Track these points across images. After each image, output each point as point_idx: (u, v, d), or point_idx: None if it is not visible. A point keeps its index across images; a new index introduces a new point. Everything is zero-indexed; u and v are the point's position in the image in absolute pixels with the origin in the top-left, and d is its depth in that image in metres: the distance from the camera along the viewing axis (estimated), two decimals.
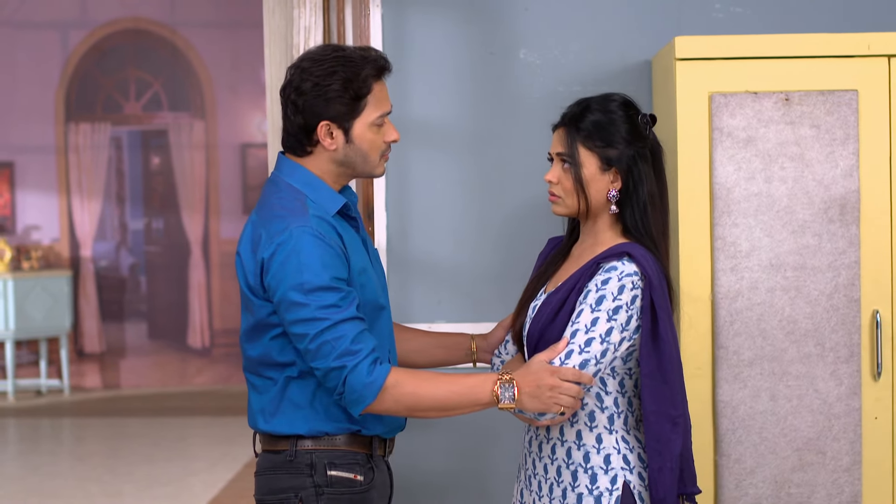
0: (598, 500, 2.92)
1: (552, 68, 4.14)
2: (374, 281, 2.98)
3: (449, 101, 4.18)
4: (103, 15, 11.20)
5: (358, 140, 2.91)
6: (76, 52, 11.24)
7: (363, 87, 2.88)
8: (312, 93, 2.85)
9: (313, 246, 2.79)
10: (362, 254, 2.97)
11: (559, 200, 3.02)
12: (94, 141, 11.47)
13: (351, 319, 2.78)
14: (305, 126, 2.89)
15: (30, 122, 11.19)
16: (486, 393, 2.79)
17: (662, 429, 2.90)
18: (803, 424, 3.62)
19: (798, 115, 3.60)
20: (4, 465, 8.25)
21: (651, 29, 4.10)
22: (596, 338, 2.84)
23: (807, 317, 3.61)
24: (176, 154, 11.88)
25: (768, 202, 3.60)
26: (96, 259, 11.61)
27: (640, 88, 4.10)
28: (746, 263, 3.60)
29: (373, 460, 2.98)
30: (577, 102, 3.05)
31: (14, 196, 11.30)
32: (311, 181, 2.93)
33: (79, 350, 11.71)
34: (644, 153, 2.97)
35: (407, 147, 4.16)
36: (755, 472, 3.62)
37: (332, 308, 2.77)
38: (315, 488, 2.90)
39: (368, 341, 2.80)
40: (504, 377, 2.79)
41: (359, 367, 2.76)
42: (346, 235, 2.91)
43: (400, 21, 4.16)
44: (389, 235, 4.18)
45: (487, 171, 4.14)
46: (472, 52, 4.17)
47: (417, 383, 2.79)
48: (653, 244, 2.96)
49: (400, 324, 3.41)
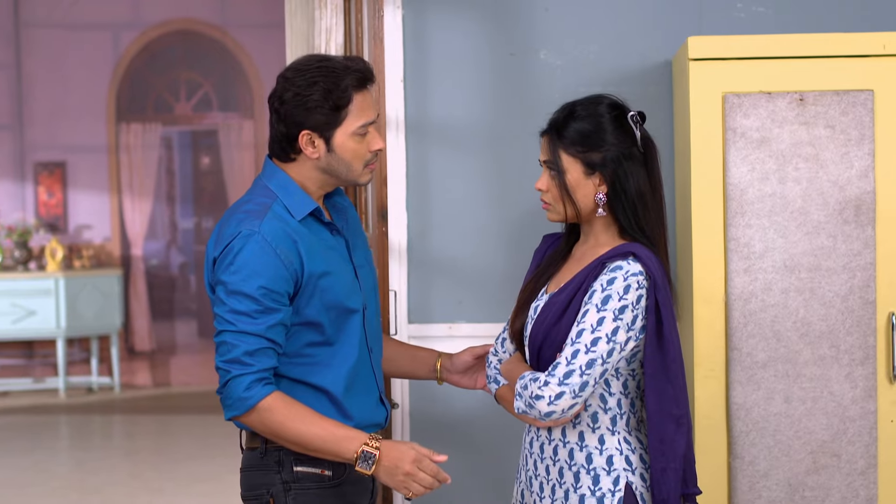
0: (600, 501, 2.92)
1: (572, 69, 4.14)
2: (344, 285, 2.99)
3: (469, 101, 4.19)
4: (154, 16, 11.31)
5: (339, 149, 2.93)
6: (128, 53, 11.36)
7: (343, 98, 2.90)
8: (293, 102, 2.89)
9: (253, 252, 2.84)
10: (328, 258, 2.98)
11: (550, 208, 3.02)
12: (144, 141, 11.59)
13: (256, 335, 2.82)
14: (287, 135, 2.93)
15: (82, 122, 11.32)
16: (349, 451, 2.83)
17: (666, 429, 2.90)
18: (818, 427, 3.59)
19: (812, 115, 3.57)
20: (51, 460, 8.36)
21: (672, 29, 4.08)
22: (602, 337, 2.83)
23: (821, 318, 3.58)
24: (225, 154, 11.97)
25: (782, 203, 3.58)
26: (147, 258, 11.72)
27: (661, 89, 4.09)
28: (760, 265, 3.59)
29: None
30: (562, 108, 3.02)
31: (66, 195, 11.43)
32: (286, 185, 2.96)
33: (129, 348, 11.83)
34: (631, 153, 2.95)
35: (427, 147, 4.18)
36: (769, 474, 3.60)
37: (242, 316, 2.82)
38: (283, 484, 2.95)
39: (265, 361, 2.84)
40: (371, 444, 2.83)
41: (241, 379, 2.81)
42: (309, 240, 2.94)
43: (421, 22, 4.18)
44: (410, 236, 4.20)
45: (507, 172, 4.15)
46: (493, 52, 4.17)
47: (289, 416, 2.83)
48: (650, 242, 2.95)
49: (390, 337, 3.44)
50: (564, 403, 2.83)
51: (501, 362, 3.16)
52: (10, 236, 10.84)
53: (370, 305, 3.10)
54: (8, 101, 11.26)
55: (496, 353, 3.20)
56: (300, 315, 2.91)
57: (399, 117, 4.17)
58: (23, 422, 9.82)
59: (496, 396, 3.14)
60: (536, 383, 2.86)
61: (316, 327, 2.94)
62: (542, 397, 2.83)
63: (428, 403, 4.22)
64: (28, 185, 11.36)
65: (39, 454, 8.51)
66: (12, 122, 11.29)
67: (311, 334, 2.94)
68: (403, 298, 4.19)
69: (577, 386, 2.82)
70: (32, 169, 11.33)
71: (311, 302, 2.91)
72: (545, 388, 2.83)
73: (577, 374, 2.82)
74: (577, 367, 2.82)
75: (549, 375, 2.84)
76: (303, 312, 2.91)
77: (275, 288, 2.84)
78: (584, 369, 2.82)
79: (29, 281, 10.70)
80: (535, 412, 2.86)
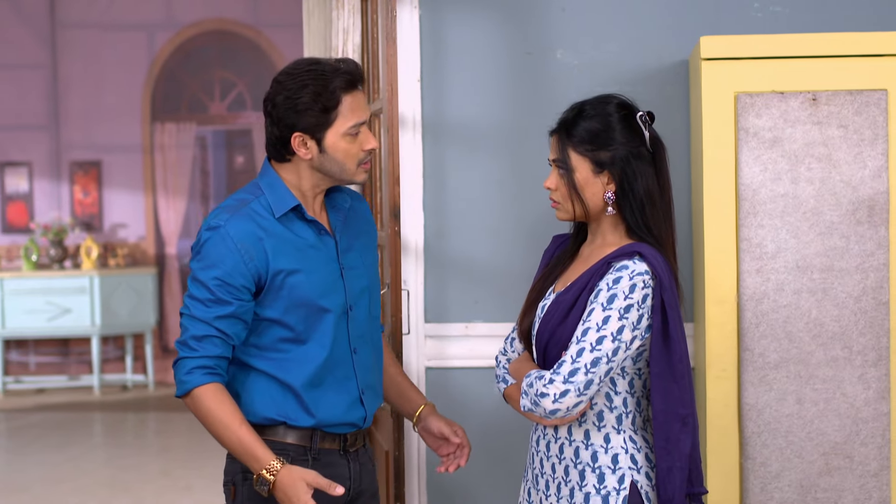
0: (605, 500, 2.92)
1: (589, 69, 4.13)
2: (317, 284, 3.05)
3: (486, 101, 4.19)
4: (188, 16, 11.37)
5: (331, 150, 3.01)
6: (162, 53, 11.43)
7: (332, 100, 2.97)
8: (284, 105, 2.98)
9: (214, 245, 2.96)
10: (304, 257, 3.04)
11: (559, 206, 3.03)
12: (179, 140, 11.66)
13: (204, 322, 2.95)
14: (280, 137, 3.02)
15: (117, 121, 11.40)
16: (255, 467, 2.93)
17: (672, 428, 2.90)
18: (830, 428, 3.58)
19: (825, 115, 3.55)
20: (84, 457, 8.43)
21: (689, 29, 4.07)
22: (607, 336, 2.84)
23: (834, 319, 3.56)
24: (259, 153, 12.02)
25: (795, 203, 3.56)
26: (181, 256, 11.79)
27: (678, 89, 4.07)
28: (773, 265, 3.57)
29: (310, 452, 3.08)
30: (571, 107, 3.04)
31: (101, 194, 11.52)
32: (273, 183, 3.06)
33: (163, 346, 11.90)
34: (640, 152, 2.96)
35: (444, 147, 4.19)
36: (781, 476, 3.59)
37: (197, 302, 2.96)
38: (242, 473, 3.05)
39: (210, 349, 2.96)
40: (272, 467, 2.91)
41: (185, 362, 2.96)
42: (283, 238, 3.02)
43: (437, 21, 4.18)
44: (426, 235, 4.20)
45: (524, 172, 4.15)
46: (509, 52, 4.17)
47: (212, 413, 2.94)
48: (657, 242, 2.95)
49: (390, 353, 3.45)
50: (569, 401, 2.83)
51: (510, 362, 3.17)
52: (46, 235, 10.94)
53: (359, 307, 3.15)
54: (44, 102, 11.36)
55: (505, 353, 3.21)
56: (265, 311, 3.01)
57: (415, 117, 4.18)
58: (58, 419, 9.91)
59: (504, 395, 3.15)
60: (541, 381, 2.86)
61: (282, 325, 3.02)
62: (546, 395, 2.84)
63: (444, 403, 4.22)
64: (64, 185, 11.46)
65: (73, 451, 8.58)
66: (49, 122, 11.40)
67: (280, 330, 3.02)
68: (420, 298, 4.20)
69: (582, 384, 2.82)
70: (68, 168, 11.43)
71: (277, 298, 3.00)
72: (550, 386, 2.84)
73: (581, 372, 2.82)
74: (582, 366, 2.83)
75: (553, 373, 2.85)
76: (267, 310, 3.01)
77: (229, 281, 2.95)
78: (588, 367, 2.82)
79: (64, 279, 10.79)
80: (540, 410, 2.87)
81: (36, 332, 10.80)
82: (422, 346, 4.20)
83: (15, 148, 11.33)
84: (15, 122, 11.32)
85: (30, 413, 10.14)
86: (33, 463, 8.22)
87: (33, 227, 11.09)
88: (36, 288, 10.75)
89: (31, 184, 11.43)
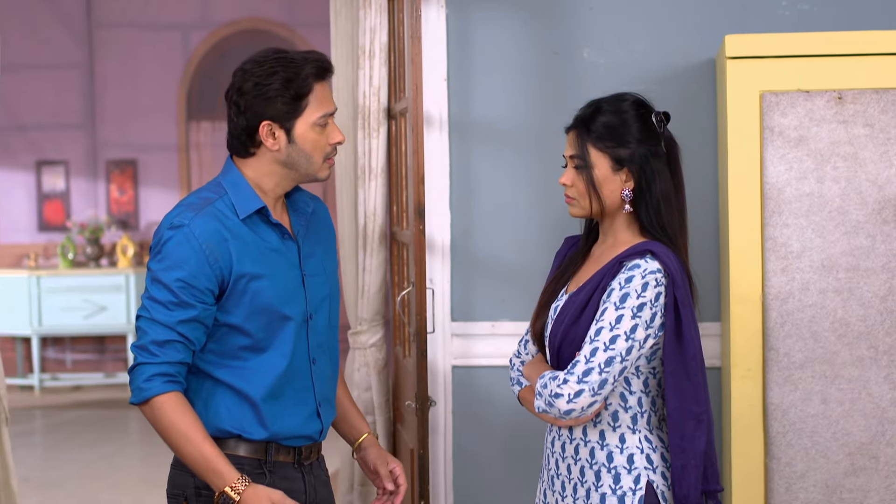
0: (621, 500, 2.92)
1: (616, 68, 4.13)
2: (279, 290, 2.91)
3: (512, 100, 4.20)
4: (223, 16, 11.41)
5: (300, 140, 2.89)
6: (197, 53, 11.48)
7: (303, 87, 2.86)
8: (253, 92, 2.84)
9: (178, 244, 2.81)
10: (267, 261, 2.91)
11: (574, 202, 3.02)
12: (214, 139, 11.70)
13: (166, 326, 2.79)
14: (248, 127, 2.87)
15: (152, 120, 11.46)
16: (215, 486, 2.79)
17: (686, 426, 2.90)
18: (856, 429, 3.56)
19: (851, 113, 3.54)
20: (118, 454, 8.47)
21: (716, 28, 4.06)
22: (621, 335, 2.83)
23: (860, 319, 3.55)
24: None
25: (820, 202, 3.55)
26: None
27: (705, 87, 4.07)
28: (798, 264, 3.56)
29: (266, 465, 2.93)
30: (588, 104, 3.04)
31: (137, 193, 11.57)
32: (237, 183, 2.91)
33: None
34: (657, 151, 2.96)
35: (470, 146, 4.20)
36: (806, 476, 3.58)
37: (158, 304, 2.79)
38: (195, 489, 2.91)
39: (172, 354, 2.81)
40: (237, 487, 2.77)
41: (144, 368, 2.80)
42: (247, 240, 2.89)
43: (464, 20, 4.19)
44: (453, 234, 4.22)
45: (551, 171, 4.15)
46: (536, 51, 4.18)
47: (175, 422, 2.80)
48: (671, 242, 2.95)
49: (343, 380, 3.31)
50: (583, 401, 2.83)
51: (524, 364, 3.16)
52: (83, 233, 11.01)
53: (319, 315, 3.02)
54: (81, 101, 11.44)
55: (519, 355, 3.20)
56: (226, 317, 2.87)
57: (442, 116, 4.19)
58: (94, 416, 9.97)
59: (519, 398, 3.15)
60: (555, 381, 2.86)
61: (243, 332, 2.88)
62: (561, 395, 2.84)
63: (470, 402, 4.24)
64: (100, 183, 11.53)
65: (107, 447, 8.64)
66: (85, 121, 11.47)
67: (240, 338, 2.89)
68: (447, 296, 4.21)
69: (596, 384, 2.82)
70: (104, 167, 11.50)
71: (239, 303, 2.86)
72: (564, 387, 2.84)
73: (595, 371, 2.82)
74: (596, 365, 2.82)
75: (567, 374, 2.85)
76: (229, 315, 2.87)
77: (194, 283, 2.80)
78: (602, 367, 2.82)
79: (100, 277, 10.86)
80: (554, 410, 2.86)
81: (72, 329, 10.87)
82: (448, 344, 4.22)
83: (52, 147, 11.41)
84: (52, 121, 11.40)
85: (66, 410, 10.22)
86: (68, 459, 8.28)
87: (70, 226, 11.17)
88: (72, 286, 10.82)
89: (67, 182, 11.50)
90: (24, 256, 11.14)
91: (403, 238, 4.19)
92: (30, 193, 11.37)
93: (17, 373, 11.08)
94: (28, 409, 10.18)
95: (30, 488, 7.35)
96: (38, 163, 11.43)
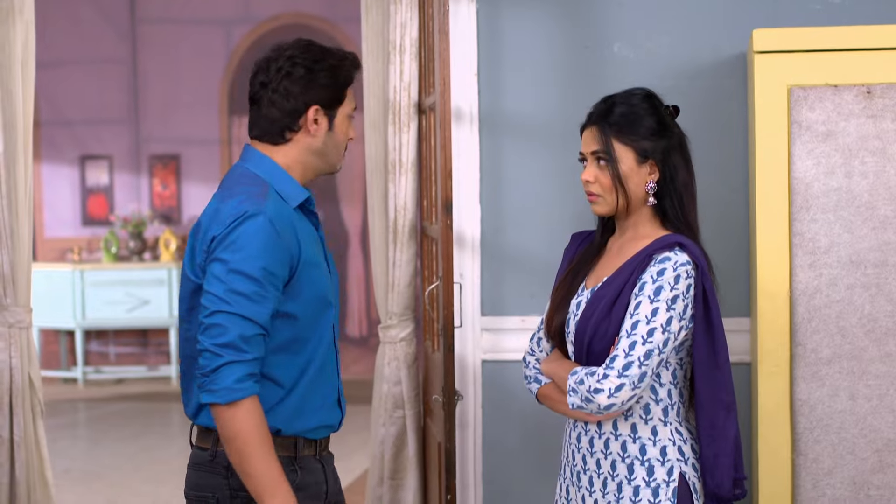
0: (655, 493, 2.92)
1: (646, 62, 4.12)
2: (325, 277, 2.93)
3: (542, 95, 4.20)
4: (265, 11, 11.47)
5: (337, 128, 2.94)
6: (239, 48, 11.54)
7: (348, 77, 2.94)
8: (306, 77, 2.87)
9: (258, 231, 2.74)
10: (316, 249, 2.93)
11: (599, 199, 3.02)
12: None
13: (252, 320, 2.70)
14: (293, 111, 2.88)
15: (195, 115, 11.53)
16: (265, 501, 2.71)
17: (717, 415, 2.91)
18: (884, 425, 3.54)
19: (880, 108, 3.51)
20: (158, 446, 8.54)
21: (746, 22, 4.04)
22: (657, 328, 2.84)
23: (888, 315, 3.52)
24: None
25: (848, 197, 3.53)
26: None
27: (735, 81, 4.05)
28: (825, 260, 3.54)
29: (297, 462, 2.90)
30: (602, 100, 3.06)
31: (180, 187, 11.65)
32: (275, 172, 2.89)
33: None
34: (675, 143, 2.97)
35: (501, 141, 4.20)
36: (833, 472, 3.56)
37: (241, 297, 2.69)
38: (230, 491, 2.84)
39: (258, 350, 2.73)
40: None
41: (235, 367, 2.68)
42: (302, 229, 2.89)
43: (494, 15, 4.20)
44: (483, 229, 4.22)
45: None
46: (567, 46, 4.18)
47: (258, 428, 2.70)
48: (691, 233, 2.96)
49: None
50: (624, 395, 2.84)
51: (539, 361, 3.16)
52: (126, 227, 11.09)
53: (338, 306, 3.01)
54: (124, 96, 11.53)
55: (533, 353, 3.19)
56: (285, 305, 2.80)
57: (472, 111, 4.20)
58: (136, 408, 10.05)
59: (538, 396, 3.13)
60: (594, 377, 2.86)
61: (294, 320, 2.83)
62: (601, 391, 2.84)
63: (499, 396, 4.24)
64: (143, 177, 11.61)
65: (148, 440, 8.71)
66: (128, 116, 11.56)
67: (286, 329, 2.83)
68: (477, 291, 4.22)
69: (637, 377, 2.83)
70: (147, 161, 11.58)
71: (301, 291, 2.83)
72: (605, 381, 2.84)
73: (636, 365, 2.83)
74: (636, 359, 2.83)
75: (607, 368, 2.85)
76: (289, 303, 2.81)
77: (275, 271, 2.74)
78: (642, 360, 2.83)
79: (143, 271, 10.94)
80: (592, 406, 2.87)
81: (115, 322, 10.95)
82: (478, 338, 4.22)
83: (95, 142, 11.51)
84: (96, 116, 11.50)
85: (109, 402, 10.30)
86: (110, 451, 8.35)
87: (113, 220, 11.26)
88: (115, 279, 10.91)
89: (111, 177, 11.59)
90: (68, 250, 11.24)
91: (433, 233, 4.21)
92: (74, 188, 11.47)
93: (61, 366, 11.19)
94: (71, 401, 10.27)
95: (71, 479, 7.43)
96: (81, 157, 11.53)
